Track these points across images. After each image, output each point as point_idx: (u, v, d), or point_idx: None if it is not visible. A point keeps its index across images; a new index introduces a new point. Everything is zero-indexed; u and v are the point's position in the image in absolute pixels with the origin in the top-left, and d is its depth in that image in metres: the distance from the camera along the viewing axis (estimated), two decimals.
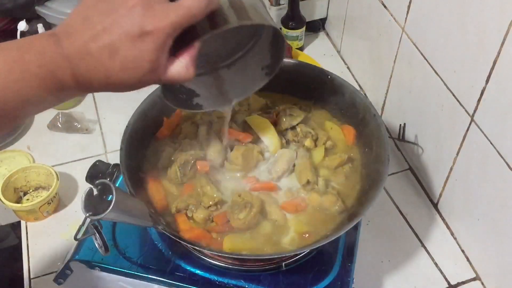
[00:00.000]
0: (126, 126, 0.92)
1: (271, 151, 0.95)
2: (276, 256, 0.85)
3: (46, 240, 1.06)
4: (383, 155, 0.89)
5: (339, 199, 0.88)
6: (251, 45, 0.76)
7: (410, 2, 1.05)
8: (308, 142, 0.96)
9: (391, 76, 1.20)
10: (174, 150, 0.94)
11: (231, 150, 0.94)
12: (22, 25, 1.14)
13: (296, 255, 0.87)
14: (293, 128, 0.99)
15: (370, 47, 1.29)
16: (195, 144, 0.95)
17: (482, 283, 1.01)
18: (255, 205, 0.85)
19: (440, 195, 1.10)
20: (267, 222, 0.86)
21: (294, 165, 0.93)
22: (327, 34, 1.55)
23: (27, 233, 1.08)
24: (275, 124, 0.99)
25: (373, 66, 1.29)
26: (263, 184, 0.91)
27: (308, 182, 0.89)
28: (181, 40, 0.57)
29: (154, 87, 0.99)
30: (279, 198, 0.90)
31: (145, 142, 0.97)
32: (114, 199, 0.65)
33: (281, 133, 0.98)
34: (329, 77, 1.02)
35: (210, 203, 0.86)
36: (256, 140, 0.97)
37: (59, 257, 0.94)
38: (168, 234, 0.80)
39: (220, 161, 0.93)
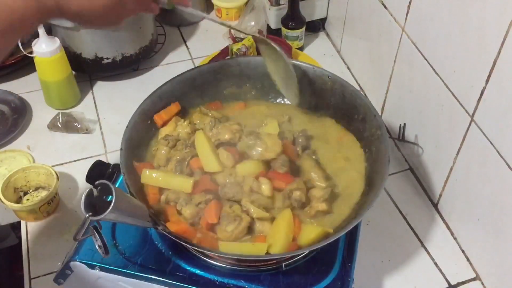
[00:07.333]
0: (126, 126, 0.92)
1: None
2: (275, 257, 0.85)
3: (46, 240, 1.06)
4: (383, 155, 0.89)
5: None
6: None
7: (410, 2, 1.05)
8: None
9: (391, 76, 1.20)
10: (170, 149, 0.94)
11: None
12: None
13: (297, 255, 0.87)
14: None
15: (370, 47, 1.29)
16: (191, 145, 0.95)
17: (482, 283, 1.01)
18: (244, 219, 0.84)
19: (440, 195, 1.10)
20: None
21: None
22: (327, 34, 1.55)
23: (27, 233, 1.07)
24: None
25: (373, 66, 1.29)
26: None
27: None
28: None
29: (154, 87, 0.99)
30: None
31: (145, 142, 0.97)
32: (114, 200, 0.65)
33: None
34: (329, 77, 1.02)
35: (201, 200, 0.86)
36: None
37: (59, 257, 0.94)
38: (169, 236, 0.80)
39: None
